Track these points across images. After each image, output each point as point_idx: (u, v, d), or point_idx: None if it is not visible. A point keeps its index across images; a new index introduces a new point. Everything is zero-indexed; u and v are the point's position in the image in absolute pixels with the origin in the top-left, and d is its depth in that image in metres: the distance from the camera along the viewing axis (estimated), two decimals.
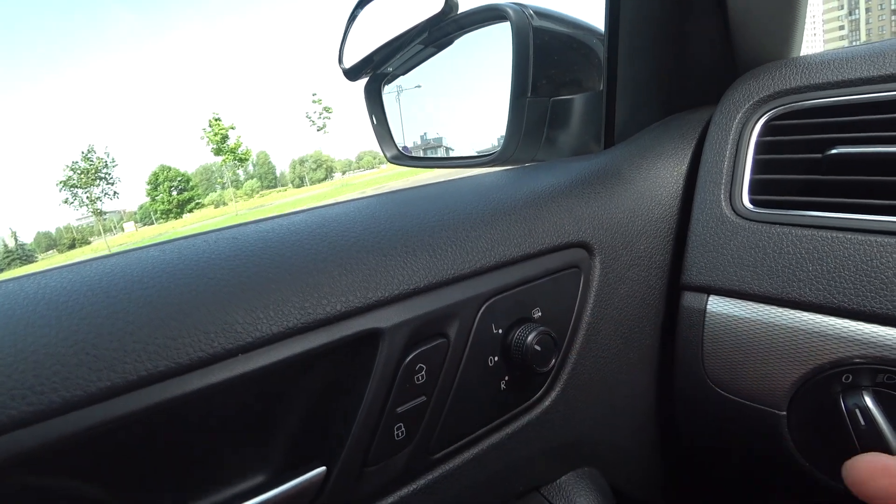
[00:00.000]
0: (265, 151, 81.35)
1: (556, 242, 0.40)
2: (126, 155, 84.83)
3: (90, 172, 56.73)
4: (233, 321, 0.27)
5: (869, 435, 0.38)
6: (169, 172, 65.29)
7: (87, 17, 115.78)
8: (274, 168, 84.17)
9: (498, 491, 0.41)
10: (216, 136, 51.04)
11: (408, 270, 0.33)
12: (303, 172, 78.74)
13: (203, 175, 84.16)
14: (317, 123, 60.79)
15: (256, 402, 0.29)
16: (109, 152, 58.87)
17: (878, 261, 0.38)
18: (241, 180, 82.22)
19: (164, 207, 65.67)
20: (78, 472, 0.25)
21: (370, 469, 0.31)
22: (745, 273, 0.44)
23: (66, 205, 57.76)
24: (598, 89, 0.67)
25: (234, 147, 53.23)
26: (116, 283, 0.27)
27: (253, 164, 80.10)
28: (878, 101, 0.42)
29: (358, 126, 74.98)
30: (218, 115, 52.28)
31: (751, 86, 0.49)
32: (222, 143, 52.84)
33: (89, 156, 56.90)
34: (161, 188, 65.42)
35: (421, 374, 0.32)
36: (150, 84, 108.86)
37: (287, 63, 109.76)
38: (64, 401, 0.23)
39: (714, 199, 0.47)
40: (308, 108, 67.67)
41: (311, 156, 79.38)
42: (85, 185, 57.08)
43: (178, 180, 65.90)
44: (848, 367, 0.40)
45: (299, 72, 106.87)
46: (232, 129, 52.10)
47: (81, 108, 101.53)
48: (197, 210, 66.69)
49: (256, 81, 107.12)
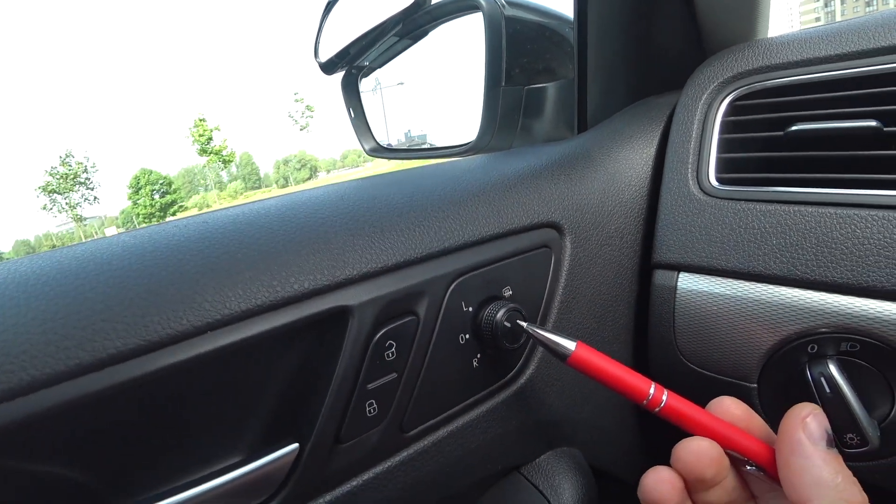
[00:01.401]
0: (248, 152, 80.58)
1: (525, 223, 0.41)
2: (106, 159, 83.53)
3: (69, 177, 55.83)
4: (201, 299, 0.27)
5: (834, 402, 0.40)
6: (151, 176, 64.45)
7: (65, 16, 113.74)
8: (258, 169, 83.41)
9: (475, 469, 0.41)
10: (201, 136, 50.53)
11: (376, 249, 0.33)
12: (287, 172, 78.17)
13: (186, 178, 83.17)
14: (299, 123, 60.41)
15: (228, 380, 0.29)
16: (89, 157, 57.99)
17: (838, 232, 0.39)
18: (225, 182, 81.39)
19: (146, 211, 64.81)
20: (48, 452, 0.25)
21: (343, 446, 0.32)
22: (713, 249, 0.45)
23: (45, 211, 56.81)
24: (571, 77, 0.67)
25: (219, 149, 52.73)
26: (86, 266, 0.28)
27: (236, 165, 79.33)
28: (834, 78, 0.43)
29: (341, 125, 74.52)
30: (203, 116, 51.74)
31: (715, 68, 0.50)
32: (207, 143, 52.31)
33: (68, 160, 56.00)
34: (143, 192, 64.56)
35: (391, 350, 0.33)
36: (129, 86, 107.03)
37: (268, 63, 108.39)
38: (32, 378, 0.23)
39: (682, 178, 0.48)
40: (290, 108, 67.21)
41: (294, 156, 78.82)
42: (64, 191, 56.18)
43: (160, 183, 65.06)
44: (813, 337, 0.41)
45: (280, 71, 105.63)
46: (217, 130, 51.60)
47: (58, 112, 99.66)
48: (180, 213, 65.88)
49: (237, 82, 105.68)
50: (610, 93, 0.61)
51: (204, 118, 51.03)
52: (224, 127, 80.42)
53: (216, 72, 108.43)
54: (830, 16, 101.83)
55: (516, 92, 0.68)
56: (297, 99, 60.82)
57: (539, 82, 0.69)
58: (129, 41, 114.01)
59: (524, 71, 0.68)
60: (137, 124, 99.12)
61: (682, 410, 0.33)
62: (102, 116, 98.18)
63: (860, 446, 0.40)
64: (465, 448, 0.39)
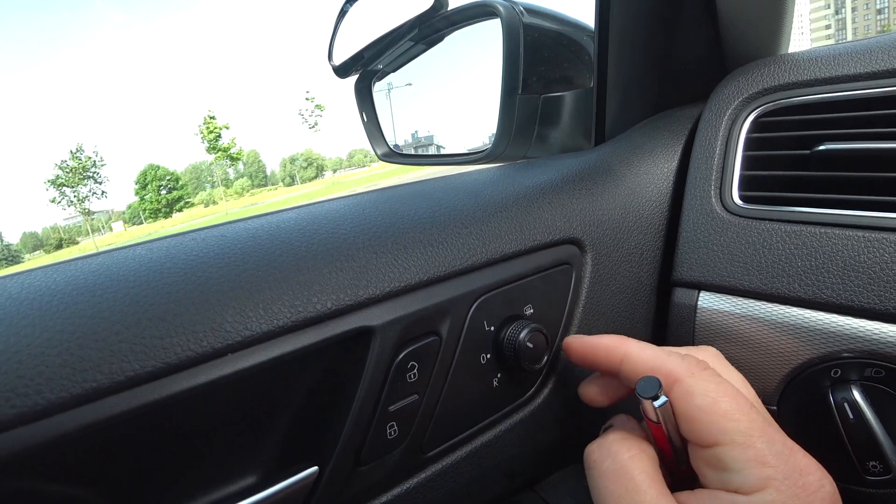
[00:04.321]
0: (255, 150, 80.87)
1: (547, 239, 0.40)
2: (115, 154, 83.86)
3: (78, 171, 56.18)
4: (222, 320, 0.26)
5: (857, 428, 0.39)
6: (158, 171, 64.72)
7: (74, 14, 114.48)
8: (264, 166, 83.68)
9: (492, 489, 0.41)
10: (210, 133, 50.74)
11: (399, 268, 0.33)
12: (293, 171, 78.36)
13: (192, 174, 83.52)
14: (309, 121, 60.52)
15: (247, 402, 0.29)
16: (98, 151, 58.31)
17: (866, 256, 0.38)
18: (232, 179, 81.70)
19: (152, 207, 65.10)
20: (65, 476, 0.24)
21: (363, 468, 0.31)
22: (736, 269, 0.44)
23: (54, 204, 57.16)
24: (589, 86, 0.67)
25: (227, 147, 52.90)
26: (102, 282, 0.27)
27: (243, 162, 79.62)
28: (865, 97, 0.42)
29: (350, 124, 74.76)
30: (213, 113, 51.97)
31: (740, 82, 0.49)
32: (215, 141, 52.51)
33: (78, 154, 56.35)
34: (150, 187, 64.85)
35: (413, 372, 0.32)
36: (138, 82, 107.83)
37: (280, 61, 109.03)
38: (49, 402, 0.22)
39: (704, 195, 0.47)
40: (301, 106, 67.29)
41: (301, 154, 79.01)
42: (73, 184, 56.53)
43: (167, 179, 65.34)
44: (836, 362, 0.40)
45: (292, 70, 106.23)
46: (226, 128, 51.79)
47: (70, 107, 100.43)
48: (186, 209, 66.18)
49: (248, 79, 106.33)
50: (629, 104, 0.60)
51: (214, 115, 51.23)
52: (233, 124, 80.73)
53: (227, 69, 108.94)
54: (841, 23, 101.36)
55: (533, 100, 0.67)
56: (307, 97, 60.93)
57: (556, 91, 0.68)
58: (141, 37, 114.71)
59: (541, 79, 0.68)
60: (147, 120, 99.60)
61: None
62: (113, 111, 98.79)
63: (883, 474, 0.39)
64: (482, 467, 0.38)
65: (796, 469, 0.27)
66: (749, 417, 0.29)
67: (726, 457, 0.28)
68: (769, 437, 0.28)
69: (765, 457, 0.27)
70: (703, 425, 0.29)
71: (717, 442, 0.28)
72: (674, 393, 0.30)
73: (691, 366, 0.31)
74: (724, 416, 0.29)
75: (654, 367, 0.32)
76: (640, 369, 0.33)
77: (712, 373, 0.31)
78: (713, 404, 0.29)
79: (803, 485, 0.27)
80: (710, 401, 0.29)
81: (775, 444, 0.28)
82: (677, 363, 0.31)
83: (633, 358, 0.33)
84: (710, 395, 0.29)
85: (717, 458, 0.28)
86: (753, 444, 0.28)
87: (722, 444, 0.28)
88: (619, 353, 0.34)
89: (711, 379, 0.30)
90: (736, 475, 0.28)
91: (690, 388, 0.30)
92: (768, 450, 0.28)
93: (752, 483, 0.27)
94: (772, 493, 0.27)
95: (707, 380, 0.30)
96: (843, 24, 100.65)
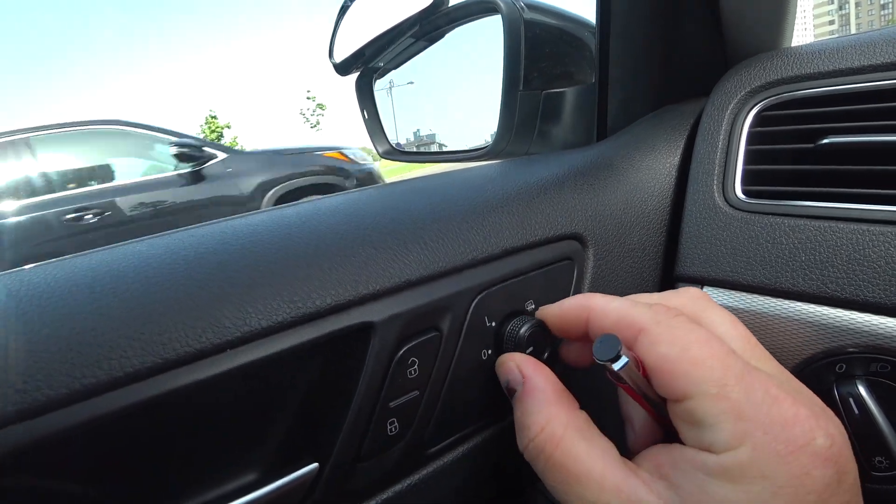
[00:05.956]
0: None
1: (548, 234, 0.40)
2: None
3: None
4: (221, 316, 0.26)
5: (862, 423, 0.38)
6: None
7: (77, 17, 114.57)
8: None
9: (494, 486, 0.41)
10: (212, 133, 50.84)
11: (399, 263, 0.32)
12: None
13: None
14: (310, 121, 60.55)
15: (246, 398, 0.29)
16: None
17: (871, 250, 0.38)
18: None
19: None
20: (64, 472, 0.24)
21: (363, 465, 0.31)
22: (739, 264, 0.44)
23: None
24: (590, 82, 0.66)
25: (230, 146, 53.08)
26: (102, 278, 0.27)
27: None
28: (870, 90, 0.42)
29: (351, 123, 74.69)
30: (214, 112, 52.08)
31: (742, 76, 0.49)
32: (218, 140, 52.65)
33: None
34: None
35: (414, 368, 0.32)
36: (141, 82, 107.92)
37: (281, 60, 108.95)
38: (47, 399, 0.22)
39: (707, 190, 0.47)
40: (302, 105, 67.30)
41: None
42: None
43: None
44: (841, 357, 0.40)
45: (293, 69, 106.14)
46: (227, 127, 51.88)
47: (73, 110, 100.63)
48: None
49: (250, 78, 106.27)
50: (631, 99, 0.60)
51: (215, 115, 51.34)
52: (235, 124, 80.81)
53: (229, 69, 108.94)
54: (844, 18, 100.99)
55: (534, 96, 0.67)
56: (308, 97, 60.97)
57: (557, 87, 0.68)
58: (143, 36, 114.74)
59: (542, 75, 0.67)
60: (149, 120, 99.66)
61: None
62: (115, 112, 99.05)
63: (889, 470, 0.39)
64: (484, 464, 0.38)
65: (778, 421, 0.23)
66: (723, 364, 0.25)
67: (697, 410, 0.25)
68: (747, 385, 0.24)
69: (741, 408, 0.24)
70: (671, 377, 0.26)
71: (687, 394, 0.25)
72: (638, 345, 0.27)
73: (658, 313, 0.28)
74: (694, 364, 0.25)
75: (618, 318, 0.29)
76: (604, 324, 0.30)
77: (683, 319, 0.27)
78: (681, 352, 0.25)
79: (787, 439, 0.23)
80: (678, 349, 0.26)
81: (754, 393, 0.24)
82: (642, 312, 0.28)
83: (597, 314, 0.30)
84: (677, 343, 0.26)
85: (688, 413, 0.25)
86: (728, 394, 0.24)
87: (692, 396, 0.25)
88: (585, 313, 0.31)
89: (681, 325, 0.27)
90: (708, 430, 0.24)
91: (655, 336, 0.27)
92: (746, 400, 0.24)
93: (726, 439, 0.24)
94: (746, 450, 0.23)
95: (675, 326, 0.27)
96: (846, 19, 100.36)
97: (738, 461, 0.23)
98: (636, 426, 0.33)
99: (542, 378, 0.31)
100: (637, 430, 0.33)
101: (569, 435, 0.28)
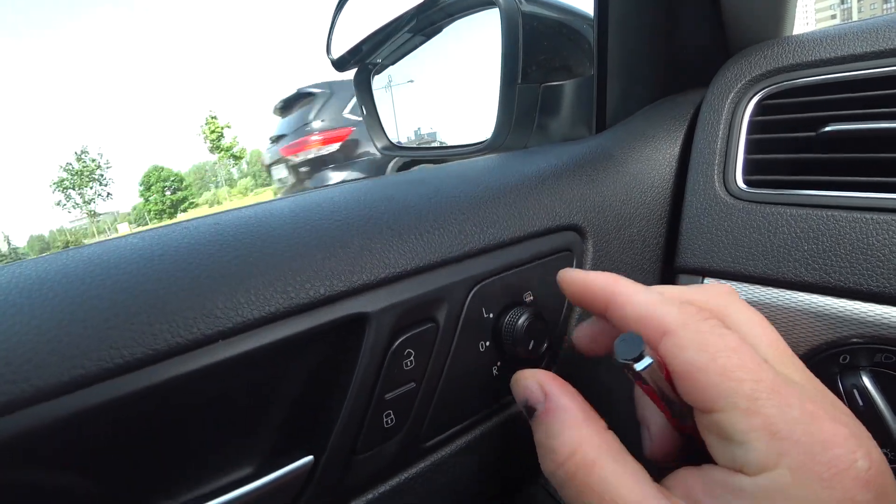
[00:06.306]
0: (258, 149, 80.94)
1: (546, 225, 0.40)
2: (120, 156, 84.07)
3: (83, 174, 56.52)
4: (212, 306, 0.26)
5: (867, 415, 0.38)
6: (162, 172, 64.98)
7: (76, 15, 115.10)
8: None
9: (494, 481, 0.40)
10: (212, 133, 50.97)
11: (394, 254, 0.32)
12: None
13: (197, 174, 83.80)
14: None
15: (240, 390, 0.28)
16: (103, 153, 58.62)
17: (874, 238, 0.38)
18: (235, 179, 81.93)
19: (157, 208, 65.35)
20: (53, 464, 0.24)
21: (359, 458, 0.31)
22: (740, 254, 0.43)
23: (60, 207, 57.49)
24: (589, 74, 0.66)
25: (230, 146, 53.12)
26: (92, 270, 0.26)
27: (247, 162, 79.81)
28: (872, 77, 0.41)
29: None
30: (214, 113, 52.20)
31: (742, 65, 0.48)
32: (217, 141, 52.71)
33: (82, 157, 56.68)
34: (154, 188, 65.11)
35: (409, 359, 0.32)
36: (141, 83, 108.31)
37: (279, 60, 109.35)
38: (36, 390, 0.22)
39: (707, 180, 0.46)
40: None
41: None
42: (78, 187, 56.86)
43: (171, 180, 65.57)
44: (845, 348, 0.39)
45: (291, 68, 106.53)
46: (227, 127, 51.97)
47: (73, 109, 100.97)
48: (191, 209, 66.38)
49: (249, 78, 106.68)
50: (630, 91, 0.59)
51: (215, 115, 51.45)
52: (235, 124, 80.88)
53: (228, 69, 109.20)
54: (846, 13, 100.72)
55: (532, 90, 0.67)
56: None
57: (556, 80, 0.67)
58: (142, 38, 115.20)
59: (541, 68, 0.67)
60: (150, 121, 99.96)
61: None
62: (116, 113, 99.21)
63: (894, 462, 0.38)
64: (483, 458, 0.38)
65: (818, 441, 0.21)
66: (755, 376, 0.23)
67: (727, 424, 0.23)
68: (782, 399, 0.22)
69: (775, 425, 0.22)
70: (698, 386, 0.24)
71: (716, 406, 0.23)
72: (663, 347, 0.26)
73: (687, 314, 0.26)
74: (723, 374, 0.23)
75: (642, 315, 0.27)
76: (626, 315, 0.28)
77: (714, 323, 0.26)
78: (710, 361, 0.24)
79: (828, 461, 0.21)
80: (707, 357, 0.24)
81: (791, 410, 0.22)
82: (669, 311, 0.26)
83: (620, 302, 0.28)
84: (706, 349, 0.24)
85: (717, 426, 0.24)
86: (760, 409, 0.22)
87: (721, 409, 0.23)
88: (608, 294, 0.29)
89: (711, 329, 0.25)
90: (739, 448, 0.23)
91: (682, 341, 0.25)
92: (780, 416, 0.22)
93: (760, 459, 0.22)
94: (783, 472, 0.21)
95: (704, 331, 0.25)
96: (848, 13, 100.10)
97: (776, 485, 0.21)
98: (653, 432, 0.31)
99: (566, 396, 0.29)
100: (654, 436, 0.31)
101: (603, 460, 0.26)
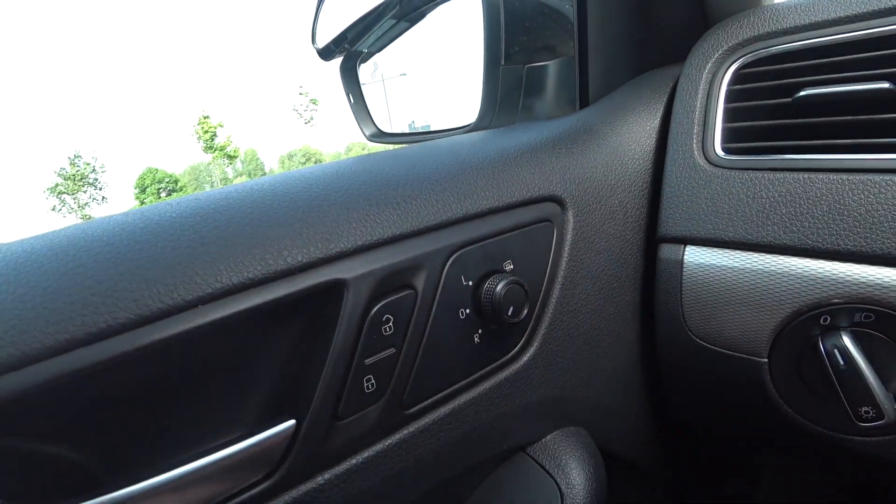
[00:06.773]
0: (253, 148, 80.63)
1: (526, 196, 0.40)
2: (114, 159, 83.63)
3: (77, 178, 56.27)
4: (192, 273, 0.26)
5: (848, 374, 0.38)
6: (156, 174, 64.71)
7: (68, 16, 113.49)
8: (263, 164, 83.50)
9: (479, 448, 0.41)
10: (206, 133, 50.75)
11: (371, 222, 0.32)
12: (292, 167, 78.25)
13: (191, 175, 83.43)
14: (304, 117, 60.41)
15: (222, 356, 0.29)
16: (97, 157, 58.37)
17: (850, 198, 0.38)
18: (231, 178, 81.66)
19: None
20: (40, 429, 0.24)
21: (341, 422, 0.31)
22: (721, 220, 0.43)
23: (55, 212, 57.23)
24: (572, 54, 0.66)
25: (224, 146, 52.95)
26: (77, 243, 0.27)
27: (241, 161, 79.51)
28: (843, 41, 0.42)
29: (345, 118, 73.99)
30: (207, 113, 51.97)
31: (719, 36, 0.49)
32: (211, 140, 52.52)
33: (76, 161, 56.40)
34: (149, 190, 64.85)
35: (388, 325, 0.32)
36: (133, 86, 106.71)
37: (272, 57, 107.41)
38: (22, 354, 0.22)
39: (687, 149, 0.46)
40: (295, 102, 67.04)
41: (299, 150, 78.88)
42: (73, 192, 56.61)
43: (166, 182, 65.32)
44: (826, 309, 0.40)
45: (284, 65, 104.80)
46: (220, 126, 51.76)
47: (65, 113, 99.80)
48: None
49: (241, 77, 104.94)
50: (612, 68, 0.59)
51: (208, 115, 51.24)
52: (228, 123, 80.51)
53: (220, 68, 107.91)
54: None
55: (516, 71, 0.67)
56: (301, 93, 60.78)
57: (539, 60, 0.67)
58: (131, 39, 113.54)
59: (524, 49, 0.67)
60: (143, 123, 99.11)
61: None
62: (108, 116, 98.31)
63: (876, 420, 0.39)
64: (467, 426, 0.38)
65: None
66: None
67: None
68: None
69: None
70: None
71: None
72: None
73: None
74: None
75: None
76: None
77: None
78: None
79: None
80: None
81: None
82: None
83: None
84: None
85: None
86: None
87: None
88: None
89: None
90: None
91: None
92: None
93: None
94: None
95: None
96: None
97: None
98: None
99: None
100: None
101: None
